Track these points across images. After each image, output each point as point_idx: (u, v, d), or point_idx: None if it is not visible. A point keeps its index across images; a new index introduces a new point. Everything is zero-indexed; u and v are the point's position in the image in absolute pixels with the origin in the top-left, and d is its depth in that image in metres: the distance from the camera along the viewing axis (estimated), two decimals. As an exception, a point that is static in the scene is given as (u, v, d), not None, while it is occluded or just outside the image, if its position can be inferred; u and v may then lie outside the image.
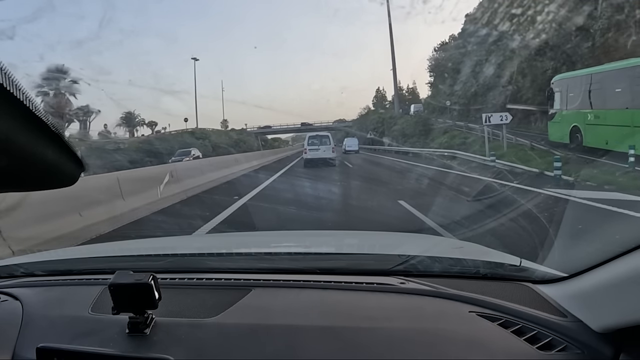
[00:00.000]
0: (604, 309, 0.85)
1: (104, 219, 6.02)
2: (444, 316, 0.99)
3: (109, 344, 0.94)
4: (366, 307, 1.04)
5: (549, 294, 1.04)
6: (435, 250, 1.53)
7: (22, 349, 0.99)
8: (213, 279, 1.22)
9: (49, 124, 0.51)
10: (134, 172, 9.80)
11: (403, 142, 30.30)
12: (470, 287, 1.08)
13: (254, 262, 1.42)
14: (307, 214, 6.76)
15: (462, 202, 7.39)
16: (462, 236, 4.27)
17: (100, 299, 1.11)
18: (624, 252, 0.80)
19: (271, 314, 1.03)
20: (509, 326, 0.93)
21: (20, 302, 1.17)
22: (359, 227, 5.54)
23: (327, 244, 1.82)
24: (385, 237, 2.08)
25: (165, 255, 1.49)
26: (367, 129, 42.69)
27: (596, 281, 0.88)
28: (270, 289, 1.15)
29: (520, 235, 4.54)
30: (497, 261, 1.29)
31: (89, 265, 1.42)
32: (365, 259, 1.43)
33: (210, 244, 2.05)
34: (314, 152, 18.86)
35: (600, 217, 5.60)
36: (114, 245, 2.24)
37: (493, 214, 5.72)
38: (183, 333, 0.96)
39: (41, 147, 0.54)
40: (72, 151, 0.58)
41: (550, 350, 0.87)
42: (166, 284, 1.13)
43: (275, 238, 2.26)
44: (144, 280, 0.89)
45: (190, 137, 42.96)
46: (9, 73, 0.44)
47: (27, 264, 1.47)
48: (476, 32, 27.75)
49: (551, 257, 3.04)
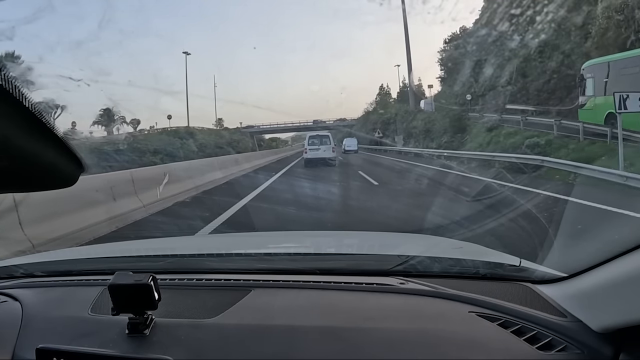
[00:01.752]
0: (604, 308, 0.85)
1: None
2: (444, 316, 0.99)
3: (108, 345, 0.94)
4: (366, 307, 1.04)
5: (548, 294, 1.04)
6: (435, 250, 1.53)
7: (21, 349, 0.99)
8: (213, 279, 1.22)
9: (49, 125, 0.51)
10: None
11: (426, 141, 25.14)
12: (469, 287, 1.09)
13: (254, 262, 1.42)
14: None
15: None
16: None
17: (100, 299, 1.11)
18: (624, 252, 0.80)
19: (271, 315, 1.03)
20: (509, 326, 0.93)
21: (20, 303, 1.17)
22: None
23: (326, 245, 1.82)
24: (384, 238, 2.08)
25: (165, 256, 1.49)
26: (373, 127, 38.66)
27: (596, 281, 0.88)
28: (270, 289, 1.15)
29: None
30: (496, 261, 1.29)
31: (89, 266, 1.42)
32: (364, 259, 1.43)
33: (210, 244, 2.05)
34: (314, 151, 18.87)
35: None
36: (113, 246, 2.23)
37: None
38: (183, 334, 0.96)
39: (41, 148, 0.54)
40: (72, 152, 0.59)
41: (550, 350, 0.87)
42: (166, 284, 1.13)
43: (275, 238, 2.26)
44: (144, 281, 0.89)
45: (172, 136, 38.52)
46: (8, 74, 0.44)
47: (27, 264, 1.47)
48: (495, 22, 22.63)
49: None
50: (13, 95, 0.45)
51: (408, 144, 29.00)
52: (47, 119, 0.51)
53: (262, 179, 12.87)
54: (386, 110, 41.67)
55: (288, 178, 14.05)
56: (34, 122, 0.49)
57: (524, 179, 10.09)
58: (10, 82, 0.44)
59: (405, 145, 28.86)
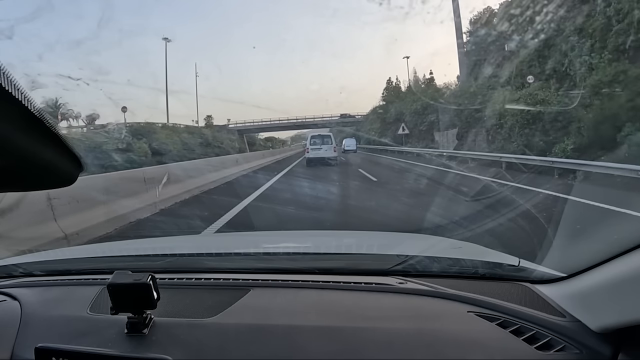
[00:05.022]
0: (603, 308, 0.85)
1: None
2: (443, 316, 0.99)
3: (107, 344, 0.94)
4: (365, 307, 1.04)
5: (547, 294, 1.04)
6: (434, 250, 1.53)
7: (20, 349, 0.99)
8: (212, 279, 1.22)
9: (48, 124, 0.51)
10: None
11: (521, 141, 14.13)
12: (468, 287, 1.09)
13: (253, 262, 1.42)
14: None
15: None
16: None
17: (99, 299, 1.11)
18: (623, 252, 0.80)
19: (270, 314, 1.03)
20: (508, 326, 0.93)
21: (19, 302, 1.17)
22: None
23: (325, 244, 1.82)
24: (383, 237, 2.08)
25: (164, 255, 1.49)
26: (387, 123, 30.69)
27: (595, 281, 0.88)
28: (269, 289, 1.15)
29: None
30: (495, 261, 1.29)
31: (88, 265, 1.42)
32: (363, 259, 1.43)
33: (209, 244, 2.05)
34: (316, 151, 18.93)
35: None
36: (112, 246, 2.24)
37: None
38: (182, 333, 0.96)
39: (40, 147, 0.54)
40: (71, 151, 0.58)
41: (548, 350, 0.87)
42: (165, 284, 1.13)
43: (274, 238, 2.26)
44: (143, 280, 0.89)
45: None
46: (7, 73, 0.44)
47: (26, 264, 1.47)
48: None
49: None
50: (12, 94, 0.45)
51: (461, 145, 18.31)
52: (47, 118, 0.51)
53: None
54: (406, 100, 30.46)
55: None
56: (32, 121, 0.49)
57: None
58: (9, 81, 0.44)
59: (460, 147, 18.29)
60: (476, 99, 18.86)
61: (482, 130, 18.02)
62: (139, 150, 26.96)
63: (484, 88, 19.61)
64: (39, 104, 0.49)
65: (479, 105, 18.24)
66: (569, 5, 16.18)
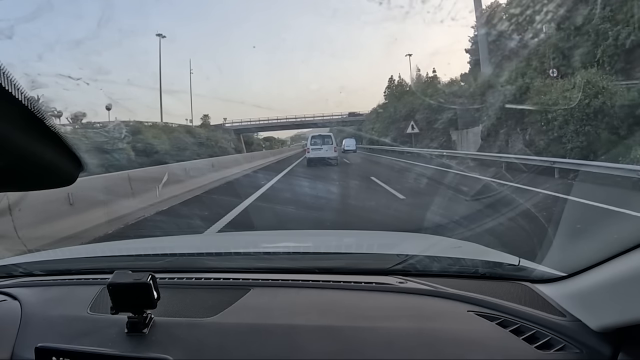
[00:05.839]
0: (603, 308, 0.85)
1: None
2: (443, 315, 0.99)
3: (107, 344, 0.94)
4: (365, 306, 1.04)
5: (547, 294, 1.04)
6: (434, 249, 1.53)
7: (20, 348, 0.99)
8: (212, 278, 1.22)
9: (48, 124, 0.51)
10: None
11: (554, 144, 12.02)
12: (468, 286, 1.09)
13: (253, 261, 1.42)
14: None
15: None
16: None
17: (99, 298, 1.11)
18: (623, 252, 0.80)
19: (270, 314, 1.03)
20: (508, 325, 0.93)
21: (19, 302, 1.17)
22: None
23: (326, 244, 1.82)
24: (384, 237, 2.08)
25: (164, 255, 1.49)
26: (398, 118, 27.37)
27: (595, 280, 0.88)
28: (269, 288, 1.15)
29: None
30: (495, 260, 1.29)
31: (88, 265, 1.42)
32: (364, 258, 1.43)
33: (209, 243, 2.05)
34: (316, 151, 18.96)
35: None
36: (112, 245, 2.23)
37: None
38: (182, 333, 0.96)
39: (40, 147, 0.53)
40: (71, 151, 0.58)
41: (548, 349, 0.87)
42: (165, 283, 1.13)
43: (274, 237, 2.26)
44: (143, 280, 0.89)
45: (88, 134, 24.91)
46: (7, 73, 0.44)
47: (26, 263, 1.47)
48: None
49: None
50: (12, 94, 0.45)
51: (488, 146, 15.37)
52: (47, 118, 0.51)
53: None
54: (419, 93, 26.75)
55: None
56: (32, 120, 0.49)
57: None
58: (9, 81, 0.44)
59: (485, 150, 15.17)
60: (506, 92, 15.59)
61: (516, 129, 14.91)
62: (121, 151, 24.54)
63: (515, 78, 16.23)
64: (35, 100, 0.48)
65: (512, 99, 14.86)
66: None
